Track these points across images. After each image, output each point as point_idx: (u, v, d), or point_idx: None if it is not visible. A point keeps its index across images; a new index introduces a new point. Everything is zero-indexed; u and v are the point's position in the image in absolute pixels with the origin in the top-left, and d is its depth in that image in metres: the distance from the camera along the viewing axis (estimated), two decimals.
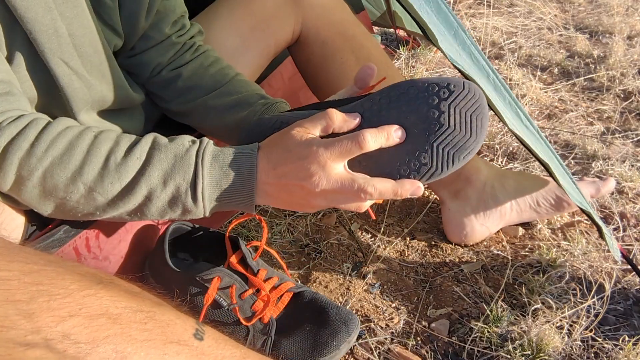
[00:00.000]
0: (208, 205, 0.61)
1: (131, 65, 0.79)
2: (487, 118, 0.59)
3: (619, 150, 1.31)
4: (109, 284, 0.47)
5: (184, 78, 0.80)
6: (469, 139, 0.58)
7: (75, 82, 0.65)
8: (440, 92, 0.58)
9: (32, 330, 0.39)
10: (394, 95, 0.60)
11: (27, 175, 0.56)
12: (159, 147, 0.60)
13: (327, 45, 0.97)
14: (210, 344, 0.52)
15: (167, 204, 0.60)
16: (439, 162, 0.58)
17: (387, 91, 0.61)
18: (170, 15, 0.79)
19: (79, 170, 0.57)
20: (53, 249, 0.65)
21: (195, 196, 0.60)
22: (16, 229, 0.63)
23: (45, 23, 0.60)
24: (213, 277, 0.73)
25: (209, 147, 0.61)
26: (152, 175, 0.59)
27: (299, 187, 0.59)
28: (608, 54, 1.78)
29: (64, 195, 0.58)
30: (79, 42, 0.65)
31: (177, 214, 0.62)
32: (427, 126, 0.58)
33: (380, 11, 1.70)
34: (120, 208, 0.60)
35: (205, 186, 0.60)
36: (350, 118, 0.61)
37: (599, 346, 0.82)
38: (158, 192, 0.59)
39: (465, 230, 1.00)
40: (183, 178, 0.59)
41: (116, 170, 0.58)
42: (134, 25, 0.74)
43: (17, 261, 0.43)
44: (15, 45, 0.60)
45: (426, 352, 0.82)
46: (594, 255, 0.99)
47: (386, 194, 0.59)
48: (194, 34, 0.83)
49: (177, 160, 0.59)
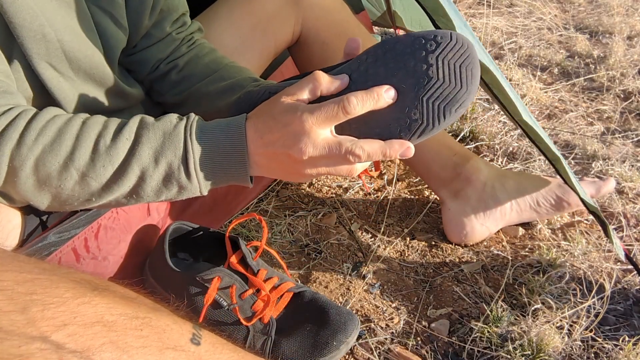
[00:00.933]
0: (202, 180, 0.61)
1: (131, 62, 0.79)
2: (477, 69, 0.57)
3: (619, 151, 1.31)
4: (104, 290, 0.47)
5: (178, 69, 0.80)
6: (460, 91, 0.56)
7: (63, 84, 0.66)
8: (427, 44, 0.56)
9: (26, 341, 0.39)
10: (381, 53, 0.59)
11: (19, 165, 0.56)
12: (146, 125, 0.60)
13: (327, 46, 0.97)
14: (208, 348, 0.52)
15: (161, 182, 0.60)
16: (429, 117, 0.57)
17: (374, 50, 0.59)
18: (172, 14, 0.79)
19: (70, 156, 0.57)
20: (51, 250, 0.65)
21: (188, 171, 0.59)
22: (13, 231, 0.63)
23: (32, 29, 0.60)
24: (213, 277, 0.73)
25: (196, 121, 0.61)
26: (143, 154, 0.58)
27: (286, 155, 0.59)
28: (608, 54, 1.78)
29: (57, 184, 0.58)
30: (69, 48, 0.65)
31: (173, 193, 0.61)
32: (415, 81, 0.57)
33: (381, 11, 1.70)
34: (115, 191, 0.59)
35: (196, 160, 0.59)
36: (338, 78, 0.60)
37: (599, 346, 0.82)
38: (151, 171, 0.59)
39: (465, 230, 1.00)
40: (174, 154, 0.59)
41: (107, 152, 0.58)
42: (138, 23, 0.74)
43: (10, 270, 0.43)
44: (14, 50, 0.61)
45: (426, 352, 0.82)
46: (594, 255, 0.99)
47: (375, 155, 0.58)
48: (194, 31, 0.84)
49: (166, 137, 0.59)
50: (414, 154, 0.58)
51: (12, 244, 0.63)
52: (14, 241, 0.64)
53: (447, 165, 1.02)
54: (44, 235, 0.66)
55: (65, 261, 0.67)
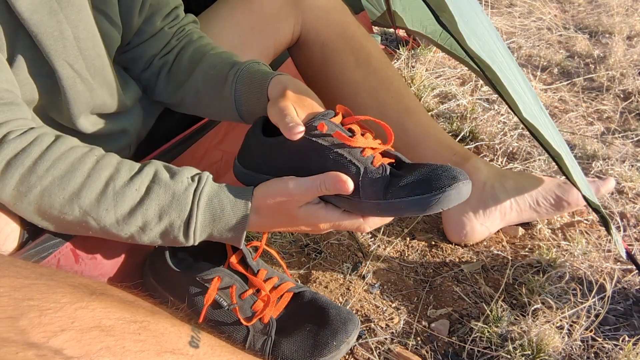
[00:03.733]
0: (198, 241, 0.64)
1: (126, 60, 0.80)
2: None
3: (618, 150, 1.31)
4: (102, 294, 0.47)
5: (169, 64, 0.81)
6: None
7: (78, 84, 0.66)
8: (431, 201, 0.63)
9: (23, 347, 0.39)
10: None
11: (25, 191, 0.57)
12: (159, 182, 0.61)
13: (327, 47, 0.97)
14: (206, 351, 0.52)
15: (158, 235, 0.62)
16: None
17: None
18: (163, 8, 0.79)
19: (77, 192, 0.58)
20: (50, 251, 0.65)
21: (187, 233, 0.62)
22: (12, 234, 0.63)
23: (50, 25, 0.60)
24: (213, 277, 0.73)
25: (207, 187, 0.63)
26: (150, 209, 0.60)
27: (292, 229, 0.67)
28: (608, 54, 1.78)
29: (58, 215, 0.59)
30: (84, 46, 0.66)
31: (166, 243, 0.65)
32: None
33: (381, 11, 1.70)
34: (112, 235, 0.62)
35: (197, 226, 0.62)
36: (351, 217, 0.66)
37: (599, 346, 0.82)
38: (152, 225, 0.61)
39: (465, 230, 1.00)
40: (178, 215, 0.61)
41: (113, 198, 0.59)
42: (129, 20, 0.75)
43: (7, 276, 0.43)
44: (17, 48, 0.60)
45: (426, 352, 0.82)
46: (594, 255, 0.99)
47: (381, 224, 0.68)
48: (187, 23, 0.84)
49: (175, 198, 0.61)
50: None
51: (11, 247, 0.63)
52: (12, 244, 0.64)
53: None
54: (43, 236, 0.66)
55: (64, 262, 0.67)
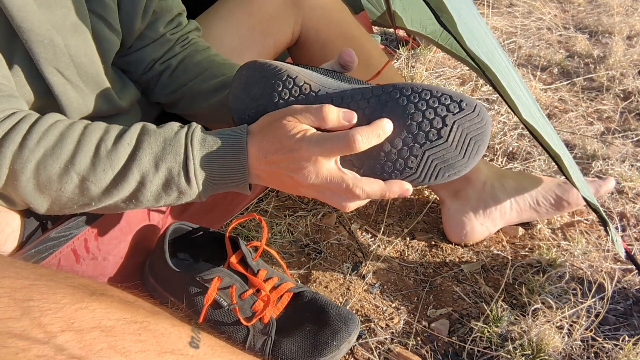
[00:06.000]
0: (202, 186, 0.61)
1: (126, 63, 0.80)
2: (485, 147, 0.59)
3: (618, 150, 1.31)
4: (102, 295, 0.47)
5: (172, 68, 0.80)
6: (460, 160, 0.58)
7: (70, 91, 0.66)
8: (450, 105, 0.58)
9: (23, 348, 0.39)
10: (404, 95, 0.59)
11: (20, 168, 0.56)
12: (147, 132, 0.61)
13: (327, 47, 0.97)
14: (206, 351, 0.52)
15: (161, 187, 0.60)
16: (423, 172, 0.59)
17: (398, 90, 0.60)
18: (166, 15, 0.79)
19: (71, 159, 0.58)
20: (51, 251, 0.65)
21: (188, 177, 0.60)
22: (12, 234, 0.63)
23: (40, 33, 0.60)
24: (213, 277, 0.73)
25: (198, 129, 0.62)
26: (143, 159, 0.59)
27: (289, 177, 0.60)
28: (608, 54, 1.78)
29: (58, 187, 0.58)
30: (75, 53, 0.65)
31: (172, 198, 0.62)
32: (425, 134, 0.58)
33: (380, 11, 1.70)
34: (115, 196, 0.60)
35: (197, 166, 0.60)
36: (345, 119, 0.60)
37: (599, 346, 0.82)
38: (151, 176, 0.59)
39: (465, 230, 1.00)
40: (174, 160, 0.59)
41: (107, 157, 0.58)
42: (130, 26, 0.75)
43: (8, 277, 0.43)
44: (15, 54, 0.61)
45: (426, 352, 0.82)
46: (594, 255, 0.99)
47: (373, 195, 0.59)
48: (190, 30, 0.84)
49: (167, 143, 0.60)
50: None
51: (11, 247, 0.63)
52: (12, 244, 0.64)
53: None
54: (43, 236, 0.66)
55: (65, 262, 0.67)
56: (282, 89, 0.64)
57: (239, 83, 0.67)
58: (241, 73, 0.67)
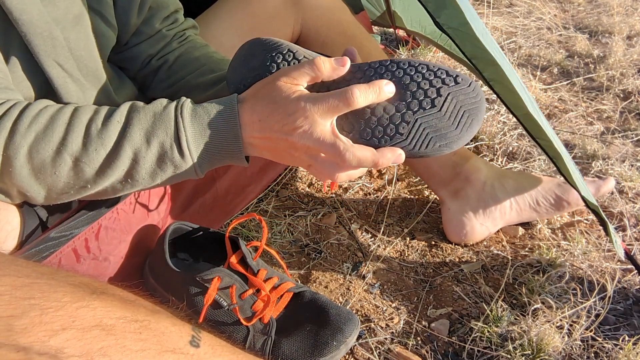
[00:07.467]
0: (197, 158, 0.61)
1: (122, 59, 0.80)
2: (478, 122, 0.59)
3: (618, 150, 1.31)
4: (103, 293, 0.47)
5: (169, 64, 0.80)
6: (453, 132, 0.59)
7: (69, 84, 0.66)
8: (446, 79, 0.59)
9: (24, 346, 0.39)
10: (401, 68, 0.60)
11: (13, 154, 0.56)
12: (137, 109, 0.60)
13: (327, 46, 0.98)
14: (207, 350, 0.52)
15: (155, 163, 0.60)
16: (414, 139, 0.59)
17: (395, 63, 0.61)
18: (162, 11, 0.80)
19: (62, 141, 0.57)
20: (52, 251, 0.65)
21: (181, 149, 0.59)
22: (12, 232, 0.63)
23: (40, 26, 0.60)
24: (213, 277, 0.73)
25: (187, 102, 0.61)
26: (134, 135, 0.58)
27: (284, 140, 0.59)
28: (608, 54, 1.78)
29: (52, 171, 0.58)
30: (75, 46, 0.65)
31: (168, 173, 0.61)
32: (419, 102, 0.59)
33: (380, 11, 1.70)
34: (110, 176, 0.59)
35: (189, 138, 0.59)
36: (339, 64, 0.60)
37: (599, 346, 0.82)
38: (143, 152, 0.59)
39: (465, 230, 1.00)
40: (165, 133, 0.59)
41: (98, 136, 0.58)
42: (126, 22, 0.75)
43: (8, 275, 0.43)
44: (11, 47, 0.61)
45: (426, 352, 0.82)
46: (594, 255, 0.99)
47: (365, 162, 0.59)
48: (186, 28, 0.84)
49: (157, 117, 0.59)
50: None
51: (11, 246, 0.63)
52: (12, 243, 0.64)
53: (446, 165, 1.02)
54: (43, 236, 0.66)
55: (65, 262, 0.67)
56: (281, 60, 0.64)
57: (239, 56, 0.68)
58: (243, 47, 0.68)
